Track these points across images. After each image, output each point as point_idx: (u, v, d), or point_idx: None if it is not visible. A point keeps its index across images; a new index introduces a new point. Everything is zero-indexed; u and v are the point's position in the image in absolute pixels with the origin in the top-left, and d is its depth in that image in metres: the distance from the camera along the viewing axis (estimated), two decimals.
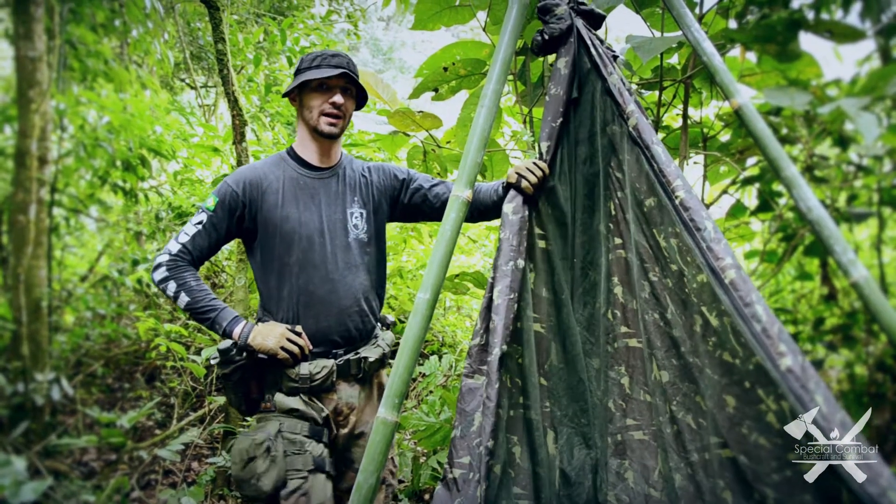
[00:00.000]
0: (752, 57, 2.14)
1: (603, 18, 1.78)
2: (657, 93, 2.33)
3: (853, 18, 2.04)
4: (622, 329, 1.66)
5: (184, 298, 1.83)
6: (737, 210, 2.84)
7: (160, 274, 1.84)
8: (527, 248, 1.70)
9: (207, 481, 3.27)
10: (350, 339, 1.97)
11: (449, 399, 3.16)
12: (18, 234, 3.72)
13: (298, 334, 1.86)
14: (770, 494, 1.27)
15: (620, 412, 1.64)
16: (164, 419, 4.29)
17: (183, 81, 8.06)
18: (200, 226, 1.88)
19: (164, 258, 1.85)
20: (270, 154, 3.13)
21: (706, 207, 1.53)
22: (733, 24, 2.15)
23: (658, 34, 2.16)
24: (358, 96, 2.04)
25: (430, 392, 3.68)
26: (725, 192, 2.82)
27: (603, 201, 1.72)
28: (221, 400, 3.79)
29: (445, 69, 2.39)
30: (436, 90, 2.46)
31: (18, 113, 3.76)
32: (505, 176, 2.80)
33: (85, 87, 4.91)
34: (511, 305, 1.60)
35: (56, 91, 4.15)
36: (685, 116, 2.31)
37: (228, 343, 1.83)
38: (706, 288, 1.38)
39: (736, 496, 1.35)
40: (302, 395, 1.89)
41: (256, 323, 1.91)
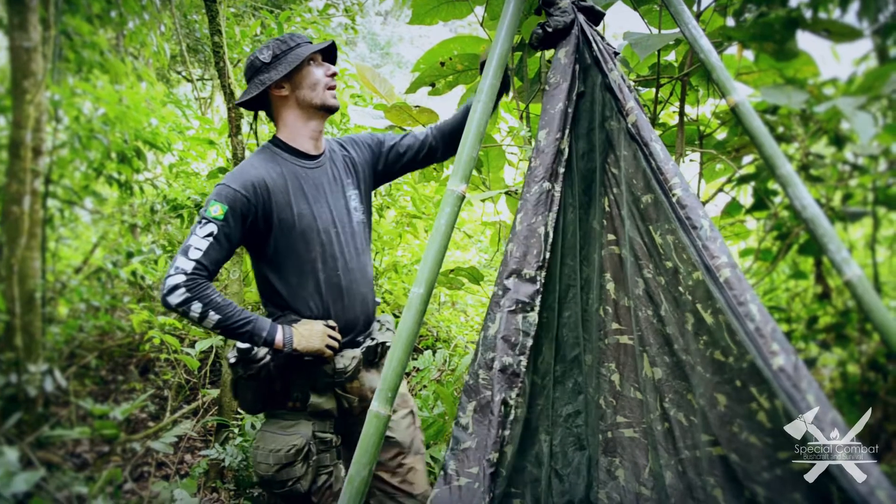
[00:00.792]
0: (750, 55, 2.14)
1: (602, 15, 1.77)
2: (654, 90, 2.33)
3: (851, 17, 2.04)
4: (613, 325, 1.66)
5: (213, 317, 1.71)
6: (732, 208, 2.84)
7: (180, 296, 1.69)
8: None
9: (200, 473, 3.28)
10: (368, 324, 1.98)
11: (442, 394, 3.16)
12: (12, 226, 3.71)
13: (333, 328, 1.85)
14: (760, 492, 1.28)
15: (611, 409, 1.64)
16: (158, 411, 4.29)
17: (179, 74, 8.02)
18: (212, 238, 1.74)
19: (181, 279, 1.69)
20: None
21: (702, 205, 1.53)
22: (731, 22, 2.15)
23: (655, 31, 2.15)
24: None
25: (424, 387, 3.69)
26: (721, 190, 2.82)
27: (598, 197, 1.72)
28: (215, 392, 3.79)
29: (443, 64, 2.38)
30: (433, 85, 2.45)
31: (13, 103, 3.74)
32: (500, 171, 2.80)
33: (80, 79, 4.89)
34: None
35: (51, 82, 4.13)
36: (681, 114, 2.31)
37: (249, 344, 1.78)
38: (701, 286, 1.38)
39: (726, 494, 1.35)
40: (336, 389, 1.89)
41: (279, 323, 1.85)
